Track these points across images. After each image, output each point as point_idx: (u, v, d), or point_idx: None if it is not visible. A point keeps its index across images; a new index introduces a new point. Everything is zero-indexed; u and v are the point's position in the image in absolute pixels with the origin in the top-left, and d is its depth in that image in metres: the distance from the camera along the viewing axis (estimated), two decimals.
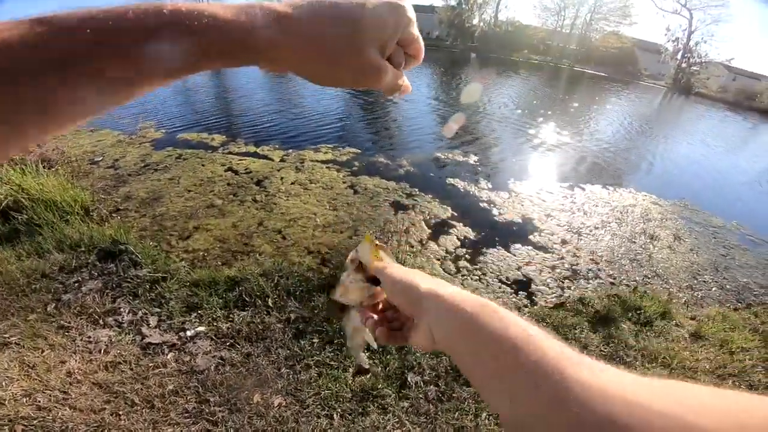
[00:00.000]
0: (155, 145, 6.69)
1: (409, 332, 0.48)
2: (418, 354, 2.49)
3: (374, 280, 0.54)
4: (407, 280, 0.46)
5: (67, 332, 2.45)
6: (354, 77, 0.40)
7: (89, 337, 2.42)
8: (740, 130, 19.88)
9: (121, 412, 2.00)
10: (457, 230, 4.47)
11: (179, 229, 3.98)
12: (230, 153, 6.38)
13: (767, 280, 4.41)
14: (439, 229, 4.45)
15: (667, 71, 35.69)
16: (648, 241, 4.82)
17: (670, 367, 2.73)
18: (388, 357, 2.44)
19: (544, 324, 2.96)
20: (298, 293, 2.94)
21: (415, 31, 0.44)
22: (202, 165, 5.79)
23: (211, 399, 2.10)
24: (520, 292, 3.56)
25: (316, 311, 2.78)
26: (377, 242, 0.56)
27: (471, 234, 4.43)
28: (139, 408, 2.03)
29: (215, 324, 2.60)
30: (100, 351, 2.31)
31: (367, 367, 0.62)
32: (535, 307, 3.36)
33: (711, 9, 34.78)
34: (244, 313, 2.72)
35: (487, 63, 28.33)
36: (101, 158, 5.84)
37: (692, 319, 3.43)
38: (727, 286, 4.16)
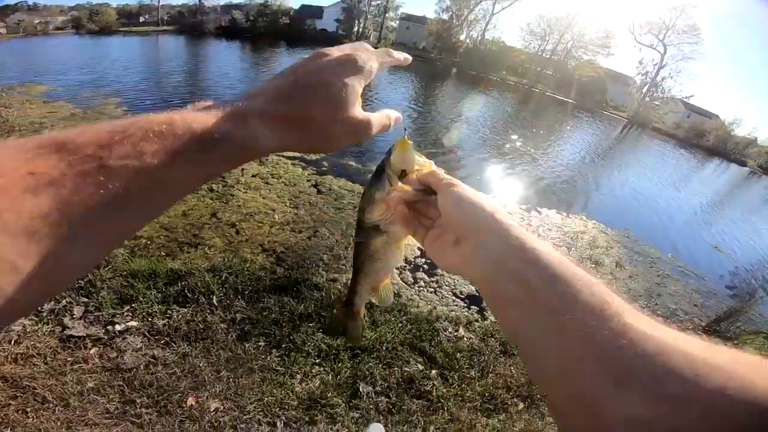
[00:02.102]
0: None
1: (440, 241, 0.45)
2: (371, 364, 2.44)
3: (424, 189, 0.48)
4: (475, 200, 0.43)
5: None
6: (347, 138, 0.41)
7: None
8: (686, 167, 21.62)
9: (28, 409, 1.81)
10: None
11: None
12: None
13: (691, 308, 4.82)
14: None
15: (630, 103, 37.33)
16: (593, 266, 5.10)
17: None
18: (339, 365, 2.38)
19: (492, 339, 3.02)
20: (246, 293, 2.80)
21: (376, 66, 0.43)
22: None
23: (138, 400, 1.94)
24: (473, 306, 3.63)
25: (264, 313, 2.67)
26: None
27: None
28: (51, 406, 1.84)
29: (150, 320, 2.41)
30: (10, 341, 2.09)
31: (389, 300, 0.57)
32: (486, 321, 3.44)
33: (685, 45, 36.06)
34: (185, 309, 2.53)
35: (466, 79, 28.88)
36: (47, 131, 5.46)
37: None
38: (658, 312, 4.47)
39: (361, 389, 2.32)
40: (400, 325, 2.89)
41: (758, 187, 24.06)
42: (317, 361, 2.40)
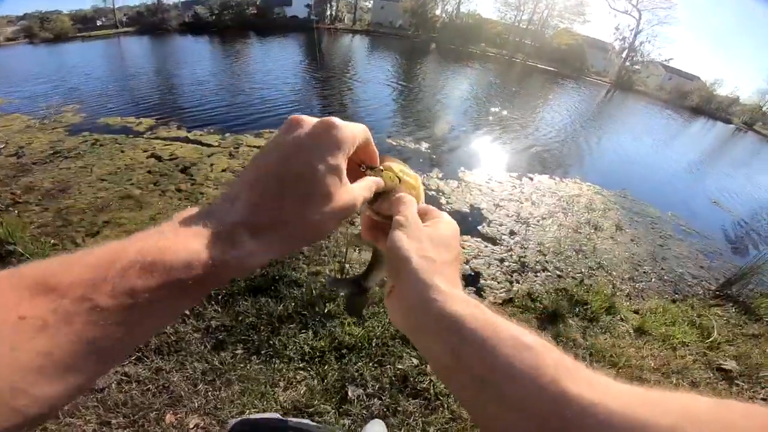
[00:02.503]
0: (70, 130, 5.96)
1: (387, 287, 0.41)
2: (360, 364, 2.28)
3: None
4: (405, 250, 0.38)
5: None
6: (336, 224, 0.37)
7: None
8: (673, 126, 21.52)
9: None
10: None
11: (87, 225, 3.52)
12: (156, 138, 5.69)
13: (698, 271, 4.60)
14: None
15: (612, 68, 37.81)
16: (592, 231, 4.86)
17: (618, 366, 2.67)
18: (326, 368, 2.22)
19: None
20: (219, 297, 2.60)
21: (359, 138, 0.39)
22: (122, 151, 5.16)
23: (114, 420, 1.83)
24: (469, 287, 3.38)
25: (240, 318, 2.47)
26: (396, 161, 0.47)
27: None
28: None
29: None
30: None
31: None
32: (483, 303, 3.18)
33: (659, 10, 36.28)
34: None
35: (446, 54, 28.44)
36: (3, 145, 5.15)
37: (636, 312, 3.43)
38: (665, 277, 4.27)
39: (350, 393, 2.14)
40: (389, 317, 2.63)
41: (745, 142, 24.25)
42: (301, 365, 2.24)
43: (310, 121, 0.38)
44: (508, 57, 34.76)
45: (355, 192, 0.38)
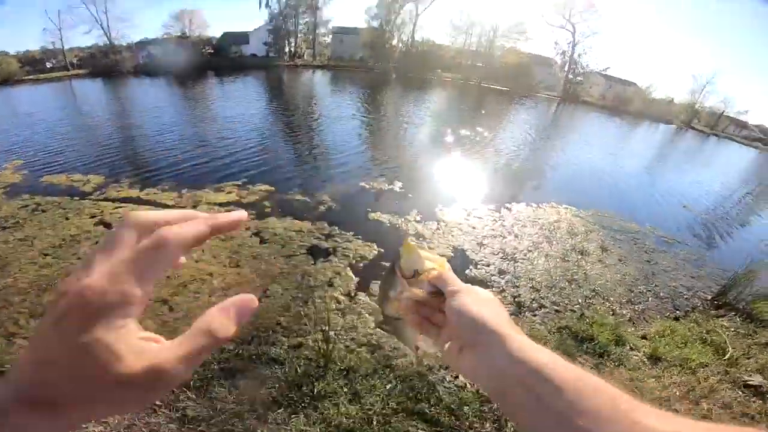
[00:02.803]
0: (8, 192, 5.41)
1: (448, 345, 0.47)
2: None
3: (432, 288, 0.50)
4: (476, 313, 0.44)
5: None
6: (141, 398, 0.29)
7: None
8: (621, 132, 22.94)
9: None
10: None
11: (30, 305, 3.18)
12: (105, 199, 5.17)
13: (690, 281, 4.59)
14: (369, 273, 3.83)
15: (558, 83, 40.24)
16: (579, 257, 4.75)
17: (642, 401, 2.45)
18: None
19: None
20: (191, 383, 2.35)
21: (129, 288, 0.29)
22: (66, 218, 4.65)
23: None
24: None
25: (219, 406, 2.20)
26: (416, 244, 0.52)
27: None
28: None
29: (84, 427, 1.95)
30: None
31: (430, 350, 0.56)
32: None
33: (590, 22, 38.76)
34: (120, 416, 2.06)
35: (405, 82, 29.33)
36: None
37: (644, 338, 3.30)
38: (661, 294, 4.19)
39: None
40: (388, 387, 2.48)
41: (688, 140, 26.46)
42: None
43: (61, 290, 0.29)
44: (463, 81, 36.37)
45: (159, 359, 0.28)
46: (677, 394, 2.59)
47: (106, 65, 26.31)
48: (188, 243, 0.31)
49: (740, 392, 2.63)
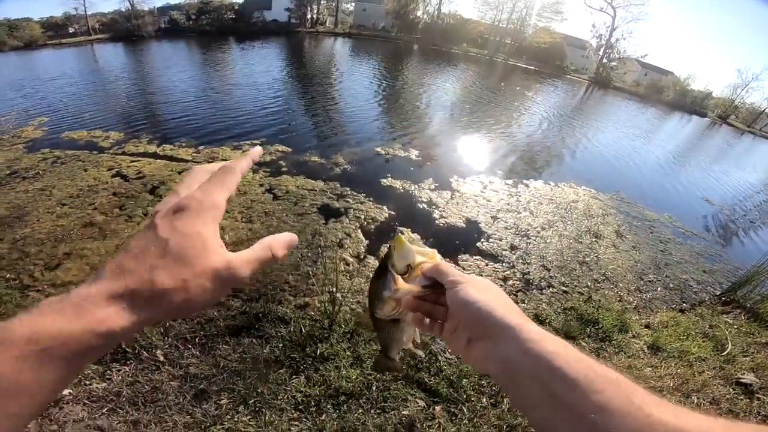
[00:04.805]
0: (30, 146, 5.54)
1: (454, 337, 0.46)
2: (360, 412, 2.05)
3: (429, 282, 0.48)
4: (483, 303, 0.43)
5: None
6: (212, 294, 0.35)
7: None
8: (652, 121, 21.88)
9: None
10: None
11: (46, 257, 3.17)
12: (123, 153, 5.26)
13: (701, 275, 4.46)
14: (379, 236, 3.86)
15: (590, 66, 38.61)
16: (593, 239, 4.66)
17: None
18: (323, 418, 1.99)
19: None
20: (197, 340, 2.36)
21: (224, 195, 0.38)
22: (84, 170, 4.75)
23: None
24: None
25: (222, 363, 2.23)
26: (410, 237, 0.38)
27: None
28: None
29: (86, 384, 2.01)
30: None
31: (420, 352, 0.59)
32: None
33: (632, 7, 37.32)
34: (126, 368, 2.14)
35: (428, 55, 28.42)
36: None
37: (647, 327, 3.26)
38: (671, 285, 4.10)
39: None
40: None
41: (722, 135, 24.99)
42: (294, 415, 2.00)
43: (169, 198, 0.37)
44: (490, 57, 35.07)
45: (233, 260, 0.36)
46: (671, 385, 2.58)
47: (127, 30, 26.27)
48: (244, 169, 0.41)
49: (731, 389, 2.62)
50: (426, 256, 0.50)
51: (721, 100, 37.41)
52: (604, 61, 37.59)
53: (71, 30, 27.86)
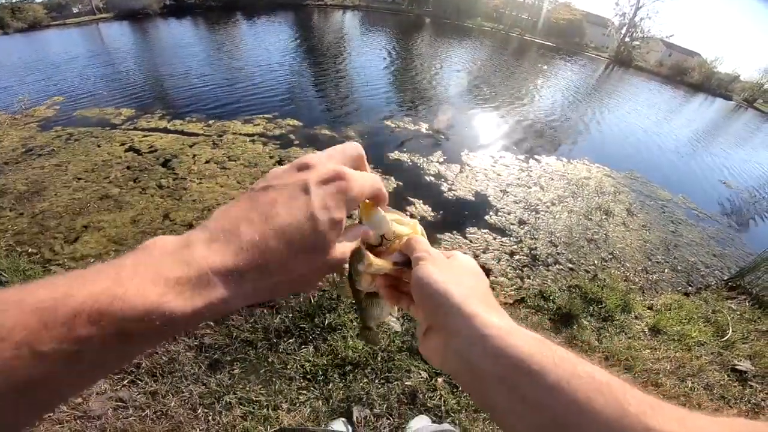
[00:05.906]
0: (43, 124, 5.63)
1: (420, 328, 0.39)
2: (365, 381, 2.13)
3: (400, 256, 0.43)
4: (440, 284, 0.36)
5: None
6: (322, 277, 0.35)
7: None
8: (674, 102, 21.13)
9: None
10: (409, 209, 3.94)
11: (65, 230, 3.28)
12: (135, 129, 5.33)
13: (711, 259, 4.40)
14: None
15: (611, 44, 36.99)
16: (603, 217, 4.62)
17: (633, 370, 2.52)
18: (330, 387, 2.08)
19: None
20: None
21: (367, 192, 0.38)
22: (98, 146, 4.86)
23: None
24: None
25: (235, 333, 2.27)
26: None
27: (424, 214, 3.95)
28: None
29: None
30: None
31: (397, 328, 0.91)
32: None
33: None
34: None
35: (441, 28, 27.51)
36: None
37: (650, 308, 3.27)
38: (678, 267, 4.06)
39: (356, 414, 1.99)
40: (394, 325, 2.42)
41: (747, 118, 23.83)
42: (303, 384, 2.09)
43: (319, 165, 0.34)
44: (505, 32, 33.81)
45: (346, 249, 0.36)
46: (667, 368, 2.60)
47: (132, 8, 25.54)
48: (361, 191, 0.37)
49: (726, 375, 2.63)
50: (407, 225, 0.45)
51: (749, 83, 35.63)
52: (627, 39, 35.99)
53: (75, 10, 27.50)
